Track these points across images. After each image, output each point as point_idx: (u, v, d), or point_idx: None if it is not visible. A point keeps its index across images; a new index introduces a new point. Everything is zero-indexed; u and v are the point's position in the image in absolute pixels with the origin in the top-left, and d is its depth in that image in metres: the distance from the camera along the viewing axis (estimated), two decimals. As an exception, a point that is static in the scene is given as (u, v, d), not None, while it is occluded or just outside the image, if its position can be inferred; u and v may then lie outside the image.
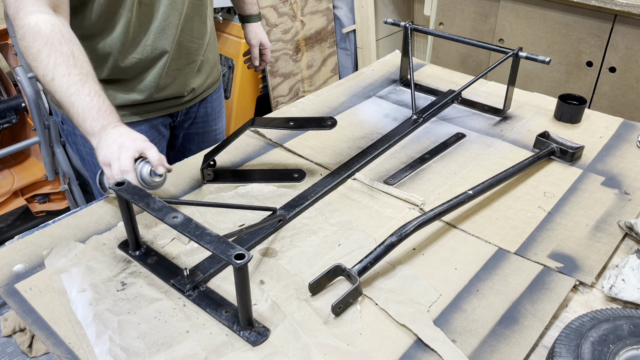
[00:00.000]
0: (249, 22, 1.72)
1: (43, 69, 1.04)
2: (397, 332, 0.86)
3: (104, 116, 1.04)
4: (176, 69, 1.39)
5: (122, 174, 1.00)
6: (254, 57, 1.75)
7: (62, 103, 1.05)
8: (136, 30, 1.26)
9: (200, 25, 1.39)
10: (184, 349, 0.83)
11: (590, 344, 0.76)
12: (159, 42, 1.30)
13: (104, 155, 1.03)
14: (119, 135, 1.03)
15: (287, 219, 1.10)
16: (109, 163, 1.02)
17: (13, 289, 0.94)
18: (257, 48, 1.74)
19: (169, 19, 1.29)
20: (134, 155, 1.01)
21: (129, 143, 1.02)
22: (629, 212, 1.11)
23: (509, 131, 1.41)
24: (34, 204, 2.49)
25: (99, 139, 1.04)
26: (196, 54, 1.41)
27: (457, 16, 2.66)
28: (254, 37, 1.73)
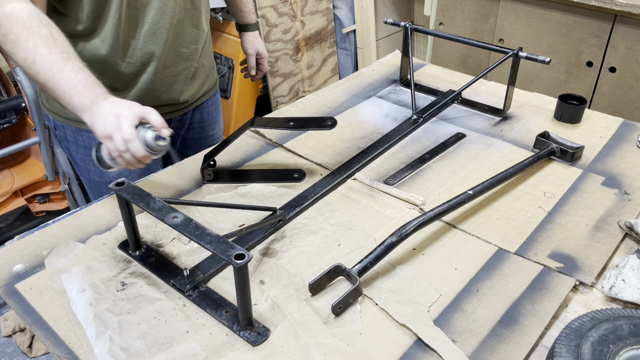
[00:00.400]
0: (246, 31, 1.71)
1: (23, 52, 1.01)
2: (397, 332, 0.86)
3: (91, 89, 1.01)
4: (170, 75, 1.36)
5: (126, 144, 0.97)
6: (251, 66, 1.74)
7: (46, 85, 1.02)
8: (126, 34, 1.24)
9: (193, 30, 1.36)
10: (184, 349, 0.83)
11: (590, 344, 0.76)
12: (149, 47, 1.28)
13: (102, 128, 0.98)
14: (113, 105, 0.99)
15: (287, 219, 1.10)
16: (109, 135, 0.98)
17: (13, 289, 0.94)
18: (254, 57, 1.72)
19: (160, 23, 1.26)
20: (134, 122, 0.98)
21: (127, 111, 0.98)
22: (629, 212, 1.11)
23: (509, 131, 1.41)
24: (34, 204, 2.49)
25: (91, 114, 1.00)
26: (189, 59, 1.39)
27: (457, 16, 2.66)
28: (250, 47, 1.71)
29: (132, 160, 1.00)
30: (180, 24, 1.32)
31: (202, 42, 1.42)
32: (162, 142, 1.00)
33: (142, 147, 0.98)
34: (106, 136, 0.99)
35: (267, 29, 2.82)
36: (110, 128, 0.98)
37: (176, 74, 1.38)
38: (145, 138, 0.98)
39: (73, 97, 1.01)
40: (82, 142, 1.39)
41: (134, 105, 1.00)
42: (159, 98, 1.38)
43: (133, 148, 0.97)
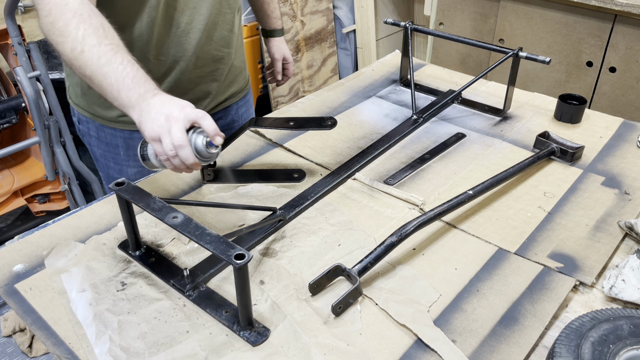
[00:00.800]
0: (272, 36, 1.70)
1: (72, 42, 0.95)
2: (397, 332, 0.86)
3: (139, 84, 0.94)
4: (198, 76, 1.36)
5: (176, 150, 0.90)
6: (277, 71, 1.73)
7: (93, 78, 0.96)
8: (160, 32, 1.23)
9: (226, 33, 1.36)
10: (184, 349, 0.83)
11: (590, 344, 0.76)
12: (181, 47, 1.28)
13: (151, 129, 0.91)
14: (162, 104, 0.92)
15: (287, 219, 1.10)
16: (158, 138, 0.91)
17: (13, 289, 0.94)
18: (281, 62, 1.71)
19: (193, 24, 1.26)
20: (185, 126, 0.91)
21: (177, 112, 0.91)
22: (629, 212, 1.11)
23: (509, 131, 1.41)
24: (34, 204, 2.49)
25: (139, 112, 0.93)
26: (221, 62, 1.39)
27: (457, 16, 2.66)
28: (277, 52, 1.70)
29: (181, 165, 0.93)
30: (214, 26, 1.31)
31: (234, 45, 1.41)
32: (213, 149, 0.93)
33: (193, 153, 0.91)
34: (154, 138, 0.92)
35: (267, 29, 2.82)
36: (160, 130, 0.91)
37: (205, 75, 1.38)
38: (197, 144, 0.91)
39: (121, 91, 0.94)
40: (105, 139, 1.39)
41: (186, 106, 0.93)
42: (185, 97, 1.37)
43: (183, 155, 0.90)
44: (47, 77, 2.15)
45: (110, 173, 1.46)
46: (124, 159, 1.41)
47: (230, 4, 1.33)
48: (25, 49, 2.09)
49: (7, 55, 2.28)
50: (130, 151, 1.40)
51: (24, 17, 2.54)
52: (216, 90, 1.44)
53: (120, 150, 1.40)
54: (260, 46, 2.83)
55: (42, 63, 2.12)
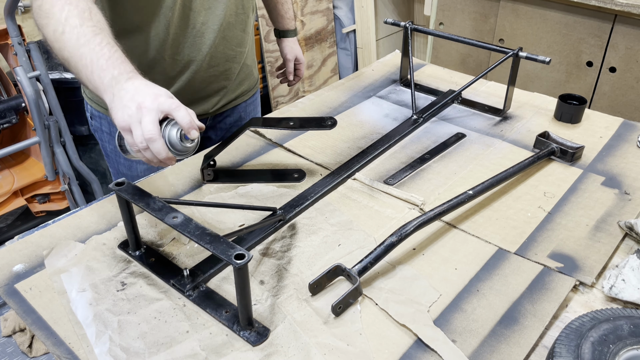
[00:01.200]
0: (285, 36, 1.70)
1: (54, 23, 0.92)
2: (397, 332, 0.86)
3: (114, 65, 0.89)
4: (212, 74, 1.36)
5: (148, 143, 0.85)
6: (289, 71, 1.73)
7: (70, 60, 0.92)
8: (176, 33, 1.24)
9: (240, 34, 1.36)
10: (184, 349, 0.83)
11: (590, 344, 0.76)
12: (196, 47, 1.28)
13: (121, 118, 0.86)
14: (136, 91, 0.86)
15: (287, 219, 1.10)
16: (128, 128, 0.86)
17: (13, 289, 0.94)
18: (293, 63, 1.72)
19: (208, 24, 1.27)
20: (157, 117, 0.85)
21: (150, 102, 0.85)
22: (629, 212, 1.11)
23: (509, 131, 1.41)
24: (34, 204, 2.49)
25: (111, 96, 0.88)
26: (234, 61, 1.39)
27: (457, 16, 2.66)
28: (289, 52, 1.70)
29: (154, 159, 0.89)
30: (229, 27, 1.32)
31: (247, 45, 1.42)
32: (189, 143, 0.88)
33: (165, 147, 0.86)
34: (125, 128, 0.86)
35: (267, 29, 2.82)
36: (130, 120, 0.85)
37: (218, 74, 1.38)
38: (170, 137, 0.86)
39: (94, 72, 0.89)
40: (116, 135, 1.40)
41: (160, 95, 0.87)
42: (197, 95, 1.39)
43: (155, 148, 0.85)
44: (47, 77, 2.15)
45: (120, 169, 1.46)
46: None
47: (245, 5, 1.34)
48: (25, 49, 2.09)
49: (7, 55, 2.28)
50: None
51: (24, 17, 2.54)
52: (227, 89, 1.45)
53: None
54: (260, 46, 2.83)
55: (42, 63, 2.12)
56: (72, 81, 2.37)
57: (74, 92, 2.29)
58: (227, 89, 1.46)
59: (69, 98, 2.28)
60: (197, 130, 0.87)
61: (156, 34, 1.23)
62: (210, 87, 1.40)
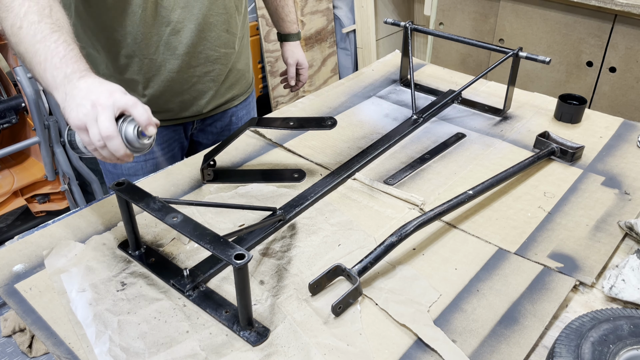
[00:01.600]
0: (287, 40, 1.67)
1: (13, 17, 0.91)
2: (397, 332, 0.86)
3: (68, 64, 0.87)
4: (194, 75, 1.34)
5: (105, 141, 0.83)
6: (291, 76, 1.70)
7: (25, 55, 0.90)
8: (149, 31, 1.22)
9: (223, 34, 1.33)
10: (184, 349, 0.83)
11: (590, 344, 0.76)
12: (172, 45, 1.27)
13: (76, 117, 0.84)
14: (89, 89, 0.85)
15: (287, 219, 1.10)
16: (84, 127, 0.84)
17: (13, 289, 0.94)
18: (294, 67, 1.69)
19: (184, 23, 1.25)
20: (114, 114, 0.84)
21: (105, 99, 0.83)
22: (629, 212, 1.11)
23: (509, 131, 1.41)
24: (34, 204, 2.49)
25: (64, 95, 0.86)
26: (217, 63, 1.36)
27: (457, 16, 2.66)
28: (291, 56, 1.67)
29: (111, 157, 0.87)
30: (210, 27, 1.29)
31: (235, 47, 1.39)
32: (146, 139, 0.87)
33: (123, 144, 0.84)
34: (80, 127, 0.84)
35: (267, 29, 2.82)
36: (86, 119, 0.83)
37: (201, 75, 1.36)
38: (127, 134, 0.85)
39: (47, 70, 0.88)
40: None
41: (115, 91, 0.85)
42: (181, 97, 1.37)
43: (112, 146, 0.84)
44: (47, 77, 2.15)
45: (107, 167, 1.46)
46: None
47: (227, 5, 1.31)
48: (25, 49, 2.09)
49: (7, 55, 2.28)
50: None
51: (24, 17, 2.53)
52: (214, 92, 1.43)
53: None
54: (260, 46, 2.83)
55: (42, 63, 2.12)
56: (72, 81, 2.37)
57: (74, 92, 2.29)
58: (215, 92, 1.43)
59: (69, 98, 2.28)
60: (154, 126, 0.86)
61: (129, 32, 1.21)
62: (195, 88, 1.38)
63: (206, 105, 1.44)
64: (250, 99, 1.60)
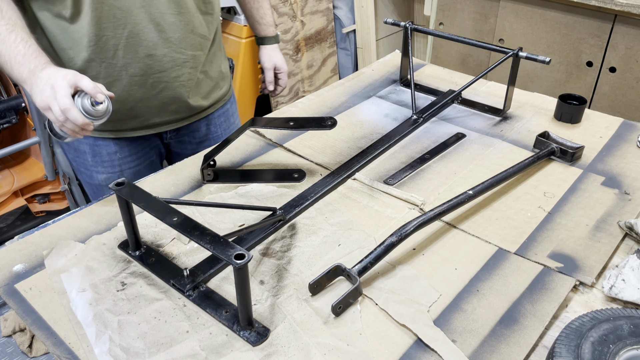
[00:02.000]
0: (263, 44, 1.65)
1: None
2: (397, 332, 0.86)
3: (29, 60, 1.04)
4: (162, 81, 1.30)
5: (64, 114, 1.00)
6: (269, 81, 1.67)
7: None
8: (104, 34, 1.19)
9: (189, 35, 1.29)
10: (184, 349, 0.83)
11: (590, 344, 0.76)
12: (133, 48, 1.22)
13: (40, 100, 1.02)
14: (48, 76, 1.02)
15: (287, 219, 1.10)
16: (48, 107, 1.01)
17: (13, 289, 0.94)
18: (272, 71, 1.66)
19: (143, 24, 1.21)
20: (69, 91, 1.00)
21: (60, 80, 1.00)
22: (629, 212, 1.11)
23: (509, 131, 1.41)
24: (34, 204, 2.49)
25: (30, 86, 1.03)
26: (186, 66, 1.31)
27: (457, 16, 2.66)
28: (268, 60, 1.65)
29: (76, 128, 1.03)
30: (171, 27, 1.25)
31: (203, 49, 1.35)
32: (100, 106, 1.02)
33: (80, 114, 1.01)
34: (45, 108, 1.02)
35: (267, 29, 2.81)
36: (47, 100, 1.01)
37: (170, 81, 1.31)
38: (83, 105, 1.01)
39: (13, 68, 1.04)
40: (73, 144, 1.38)
41: (67, 74, 1.02)
42: (148, 104, 1.33)
43: (72, 117, 1.00)
44: (47, 77, 2.15)
45: (83, 178, 1.45)
46: (91, 164, 1.39)
47: (187, 4, 1.26)
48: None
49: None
50: (98, 158, 1.38)
51: (24, 17, 2.54)
52: (186, 99, 1.37)
53: (87, 156, 1.38)
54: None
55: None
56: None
57: (74, 92, 2.29)
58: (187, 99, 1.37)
59: (69, 98, 2.28)
60: (102, 93, 1.02)
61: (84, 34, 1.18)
62: (164, 94, 1.32)
63: (178, 112, 1.39)
64: (229, 105, 1.56)
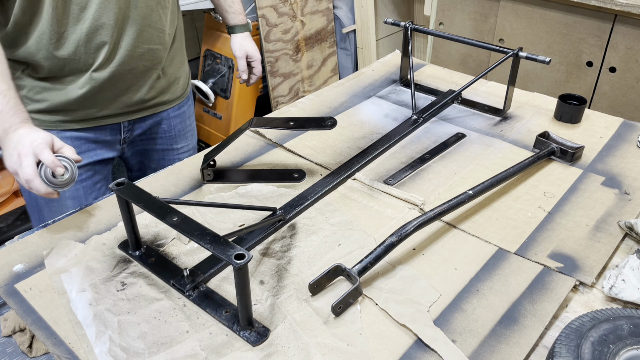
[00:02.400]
0: (233, 32, 1.64)
1: None
2: (397, 332, 0.86)
3: (5, 118, 1.04)
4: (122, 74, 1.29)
5: (28, 183, 1.00)
6: (242, 69, 1.66)
7: None
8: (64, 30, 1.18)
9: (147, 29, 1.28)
10: (184, 349, 0.83)
11: (590, 344, 0.76)
12: (94, 44, 1.22)
13: (9, 165, 1.03)
14: (18, 140, 1.02)
15: (287, 219, 1.10)
16: (15, 172, 1.02)
17: (13, 289, 0.94)
18: (244, 60, 1.65)
19: (102, 19, 1.20)
20: (33, 161, 1.00)
21: (26, 149, 1.00)
22: (629, 212, 1.11)
23: (509, 131, 1.41)
24: (34, 204, 2.48)
25: (3, 145, 1.04)
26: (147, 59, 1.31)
27: (457, 16, 2.66)
28: (239, 49, 1.64)
29: (38, 193, 1.02)
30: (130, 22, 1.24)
31: (163, 43, 1.34)
32: (61, 177, 1.02)
33: (43, 184, 1.00)
34: (13, 173, 1.03)
35: (267, 29, 2.82)
36: (14, 165, 1.01)
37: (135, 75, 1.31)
38: (45, 175, 1.01)
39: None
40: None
41: (34, 140, 1.01)
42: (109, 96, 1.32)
43: (34, 187, 1.00)
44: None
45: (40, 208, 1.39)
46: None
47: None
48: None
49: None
50: None
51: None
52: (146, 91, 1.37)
53: None
54: (260, 46, 2.83)
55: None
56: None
57: (74, 92, 2.29)
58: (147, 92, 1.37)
59: (69, 98, 2.27)
60: (61, 167, 1.01)
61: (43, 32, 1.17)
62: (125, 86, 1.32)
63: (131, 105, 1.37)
64: (186, 108, 1.54)
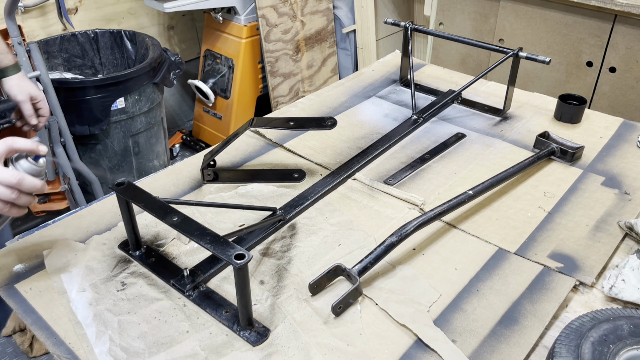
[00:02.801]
0: (5, 76, 1.39)
1: None
2: (397, 332, 0.86)
3: None
4: None
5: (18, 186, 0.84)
6: (29, 114, 1.43)
7: None
8: None
9: None
10: (184, 349, 0.83)
11: (590, 344, 0.76)
12: None
13: None
14: None
15: (287, 219, 1.10)
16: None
17: (13, 289, 0.94)
18: (29, 104, 1.43)
19: None
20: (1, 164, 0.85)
21: None
22: (629, 212, 1.11)
23: (509, 131, 1.41)
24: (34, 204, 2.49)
25: None
26: None
27: (457, 16, 2.66)
28: (19, 92, 1.40)
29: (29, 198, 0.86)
30: None
31: None
32: (41, 160, 0.89)
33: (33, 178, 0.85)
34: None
35: (267, 29, 2.82)
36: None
37: None
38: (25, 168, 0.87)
39: None
40: None
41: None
42: None
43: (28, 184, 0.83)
44: (47, 77, 2.15)
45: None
46: None
47: None
48: (25, 49, 2.09)
49: (7, 55, 2.27)
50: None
51: (24, 17, 2.54)
52: None
53: None
54: (260, 46, 2.83)
55: (42, 63, 2.12)
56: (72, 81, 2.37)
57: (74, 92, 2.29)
58: None
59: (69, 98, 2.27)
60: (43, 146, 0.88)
61: None
62: None
63: None
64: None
